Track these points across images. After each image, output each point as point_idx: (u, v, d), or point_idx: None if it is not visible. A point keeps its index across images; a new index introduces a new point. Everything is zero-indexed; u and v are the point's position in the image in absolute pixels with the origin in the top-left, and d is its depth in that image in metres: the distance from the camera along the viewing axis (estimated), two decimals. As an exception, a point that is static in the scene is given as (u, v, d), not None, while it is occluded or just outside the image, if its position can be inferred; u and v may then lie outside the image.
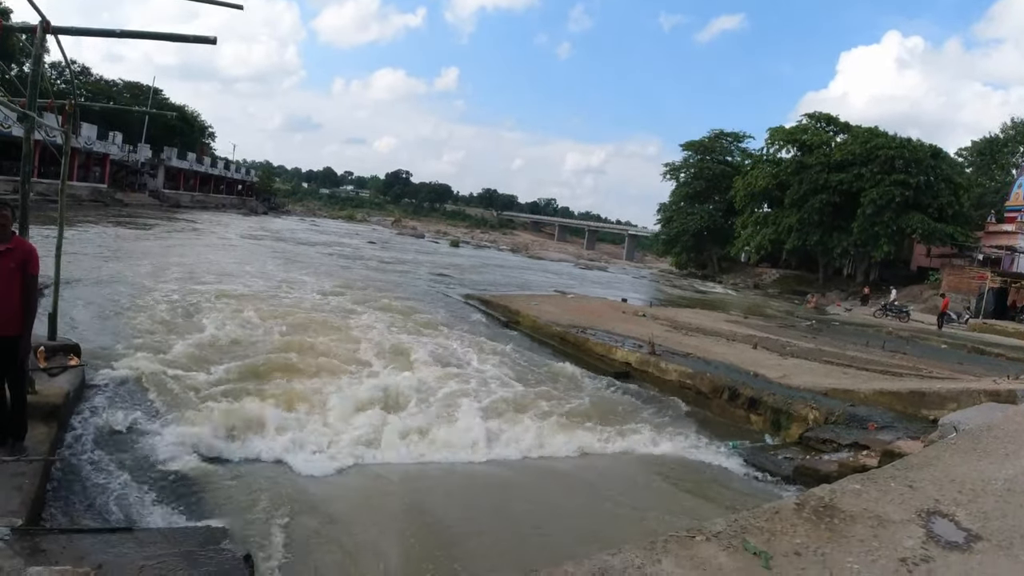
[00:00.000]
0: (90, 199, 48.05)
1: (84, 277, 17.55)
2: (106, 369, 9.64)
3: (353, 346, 13.32)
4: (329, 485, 7.41)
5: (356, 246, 45.81)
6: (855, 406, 10.70)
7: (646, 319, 20.92)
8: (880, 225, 45.03)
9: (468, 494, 7.77)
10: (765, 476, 8.63)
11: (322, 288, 20.80)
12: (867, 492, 4.43)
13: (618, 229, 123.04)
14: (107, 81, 69.03)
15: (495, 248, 75.21)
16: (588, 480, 8.48)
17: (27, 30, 7.18)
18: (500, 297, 23.85)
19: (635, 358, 14.26)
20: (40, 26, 6.82)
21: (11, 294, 5.37)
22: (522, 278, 38.33)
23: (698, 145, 69.63)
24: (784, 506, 3.98)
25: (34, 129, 7.18)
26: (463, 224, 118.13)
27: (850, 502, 4.20)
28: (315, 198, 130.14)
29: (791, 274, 56.85)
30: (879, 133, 49.27)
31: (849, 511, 4.05)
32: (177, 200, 64.98)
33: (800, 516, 3.88)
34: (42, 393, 6.95)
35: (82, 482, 6.36)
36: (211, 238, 37.91)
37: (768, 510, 3.89)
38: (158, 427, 7.94)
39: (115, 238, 30.50)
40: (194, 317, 14.44)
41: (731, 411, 11.67)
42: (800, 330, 23.67)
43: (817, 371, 13.86)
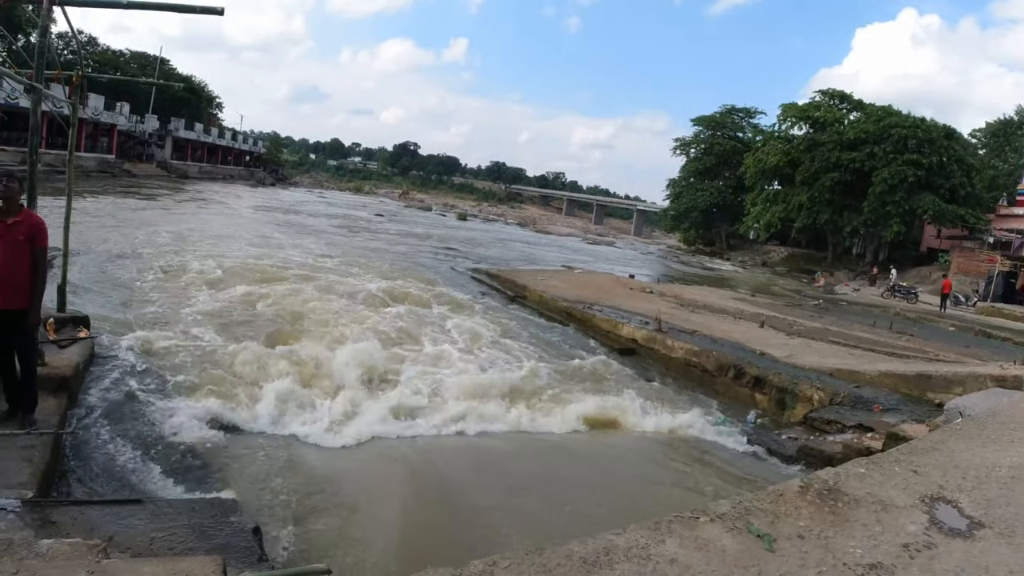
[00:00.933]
0: (97, 170, 48.00)
1: (92, 248, 17.64)
2: (116, 340, 9.69)
3: (361, 318, 13.32)
4: (339, 457, 7.52)
5: (364, 219, 45.78)
6: (860, 387, 10.71)
7: (653, 295, 20.92)
8: (891, 205, 44.60)
9: (477, 466, 7.84)
10: (769, 456, 8.66)
11: (332, 261, 20.83)
12: (871, 476, 4.45)
13: (627, 204, 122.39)
14: (114, 51, 68.56)
15: (503, 222, 75.01)
16: (593, 456, 8.58)
17: (33, 1, 7.12)
18: (507, 272, 23.87)
19: (641, 335, 14.27)
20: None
21: (20, 267, 5.37)
22: (530, 252, 38.30)
23: (709, 120, 68.94)
24: (788, 488, 4.01)
25: (41, 101, 7.14)
26: (471, 197, 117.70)
27: (854, 486, 4.23)
28: (323, 169, 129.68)
29: (800, 252, 56.56)
30: (893, 112, 48.64)
31: (853, 495, 4.07)
32: (185, 171, 64.83)
33: (804, 499, 3.90)
34: (52, 365, 6.98)
35: (92, 454, 6.41)
36: (220, 209, 37.96)
37: (772, 492, 3.92)
38: (167, 399, 7.99)
39: (123, 209, 30.48)
40: (203, 288, 14.54)
41: (736, 389, 11.69)
42: (808, 309, 23.65)
43: (823, 351, 13.87)
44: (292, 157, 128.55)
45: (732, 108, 69.25)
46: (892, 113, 48.20)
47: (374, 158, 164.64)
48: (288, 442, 7.62)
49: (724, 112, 69.06)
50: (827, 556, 3.29)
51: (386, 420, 8.57)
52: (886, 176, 44.54)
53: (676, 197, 69.35)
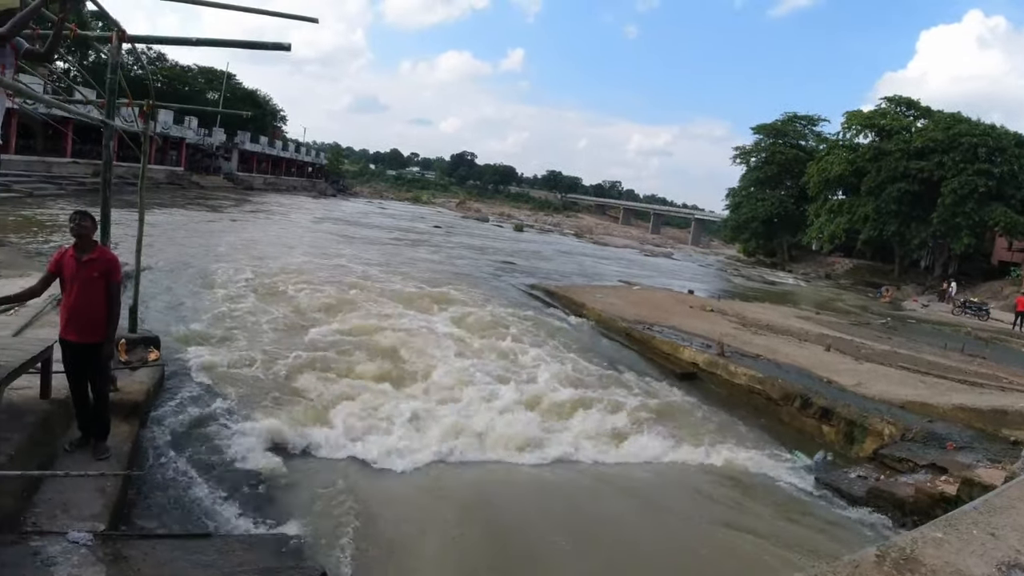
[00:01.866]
0: (167, 182, 49.78)
1: (160, 264, 17.98)
2: (184, 360, 9.95)
3: (424, 339, 13.43)
4: (403, 485, 7.62)
5: (424, 231, 46.37)
6: (933, 421, 10.41)
7: (714, 314, 20.66)
8: (961, 216, 43.15)
9: (538, 499, 7.88)
10: (837, 497, 8.47)
11: (395, 278, 21.07)
12: (949, 542, 4.35)
13: (684, 213, 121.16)
14: (182, 67, 70.86)
15: (559, 232, 75.07)
16: (654, 491, 8.48)
17: (102, 39, 7.28)
18: (565, 288, 23.83)
19: (703, 359, 14.11)
20: (116, 35, 6.91)
21: (96, 303, 5.59)
22: (586, 266, 38.19)
23: (770, 128, 67.82)
24: (865, 559, 3.95)
25: (113, 135, 7.27)
26: (527, 206, 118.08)
27: (931, 554, 4.14)
28: (382, 180, 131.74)
29: (865, 264, 55.11)
30: (961, 119, 47.10)
31: (931, 565, 3.99)
32: (250, 182, 66.75)
33: (881, 570, 3.85)
34: (123, 390, 7.22)
35: (160, 481, 6.58)
36: (284, 222, 38.93)
37: (849, 564, 3.87)
38: (233, 422, 8.16)
39: (191, 221, 31.51)
40: (269, 306, 14.79)
41: (802, 420, 11.46)
42: (875, 329, 23.01)
43: (893, 378, 13.51)
44: (352, 167, 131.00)
45: (794, 116, 68.04)
46: (961, 120, 46.70)
47: (432, 168, 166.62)
48: (350, 467, 7.74)
49: (786, 120, 67.85)
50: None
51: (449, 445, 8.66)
52: (956, 186, 43.15)
53: (736, 207, 68.38)
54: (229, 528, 5.96)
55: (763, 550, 6.82)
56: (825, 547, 6.84)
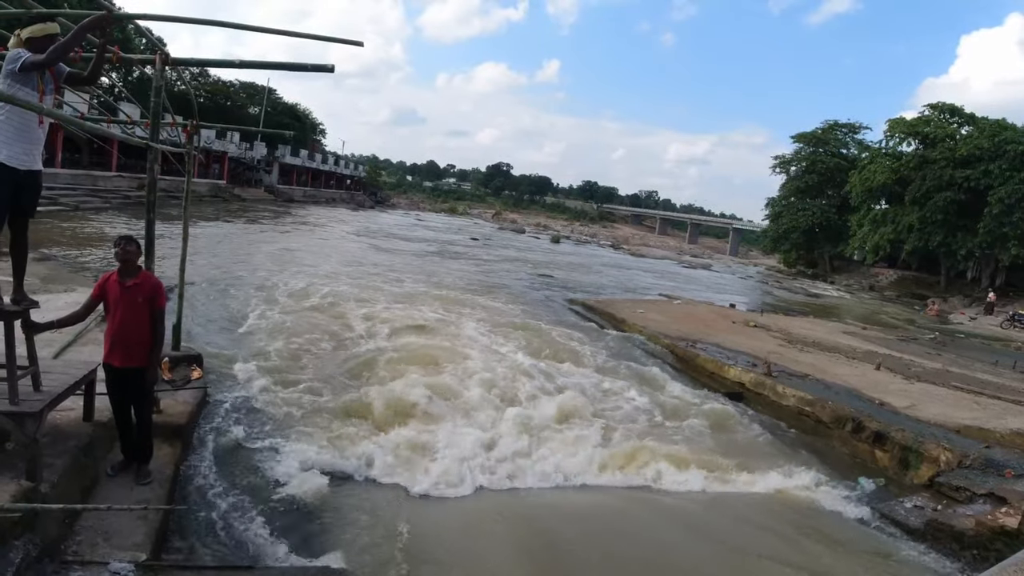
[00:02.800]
0: (210, 195, 50.99)
1: (203, 278, 18.20)
2: (227, 379, 10.02)
3: (463, 357, 13.37)
4: (454, 512, 7.56)
5: (461, 243, 46.71)
6: (990, 447, 10.15)
7: (758, 330, 20.45)
8: (1009, 226, 42.11)
9: (591, 528, 7.76)
10: (892, 528, 8.31)
11: (435, 292, 21.17)
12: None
13: (722, 223, 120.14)
14: (224, 82, 72.43)
15: (596, 243, 75.01)
16: (703, 521, 8.32)
17: (146, 62, 7.31)
18: (604, 302, 23.78)
19: (749, 378, 13.94)
20: (159, 58, 6.98)
21: (140, 328, 5.63)
22: (625, 278, 38.07)
23: (810, 137, 67.01)
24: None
25: (158, 159, 7.39)
26: (563, 217, 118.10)
27: (1005, 604, 4.06)
28: (419, 191, 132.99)
29: (910, 276, 53.99)
30: (1007, 126, 46.03)
31: (1006, 618, 3.91)
32: (290, 195, 67.90)
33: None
34: (167, 412, 7.25)
35: (203, 509, 6.54)
36: (325, 234, 39.53)
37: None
38: (276, 446, 8.11)
39: (234, 234, 32.18)
40: (314, 321, 14.89)
41: (854, 444, 11.23)
42: (923, 344, 22.56)
43: (946, 399, 13.23)
44: (390, 179, 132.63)
45: (835, 123, 67.13)
46: (1007, 127, 45.67)
47: (468, 179, 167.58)
48: (394, 493, 7.66)
49: (826, 128, 66.98)
50: None
51: (501, 470, 8.64)
52: (1003, 195, 42.16)
53: (776, 217, 67.61)
54: (272, 558, 5.95)
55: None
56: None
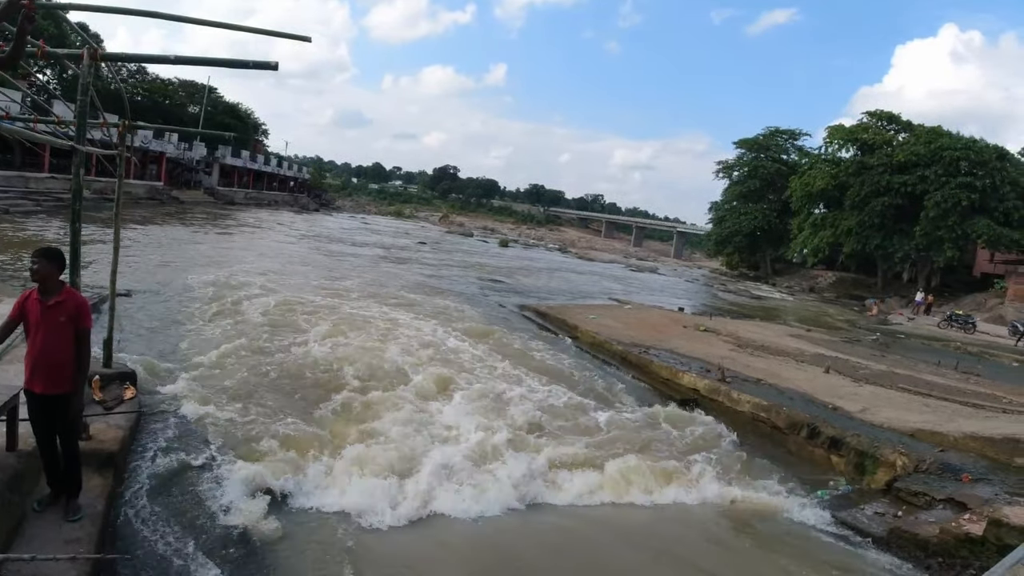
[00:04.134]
0: (147, 197, 49.25)
1: (136, 286, 17.49)
2: (163, 398, 9.48)
3: (410, 369, 12.96)
4: (403, 539, 7.16)
5: (408, 247, 46.04)
6: (945, 451, 10.23)
7: (708, 334, 20.56)
8: (944, 229, 43.59)
9: (543, 552, 7.46)
10: (855, 536, 8.22)
11: (382, 302, 20.63)
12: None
13: (666, 226, 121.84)
14: (163, 80, 70.57)
15: (544, 247, 75.02)
16: (657, 535, 8.08)
17: (72, 57, 6.63)
18: (557, 309, 23.64)
19: (704, 385, 13.88)
20: (87, 52, 6.29)
21: (61, 350, 5.10)
22: (575, 282, 38.10)
23: (752, 143, 68.31)
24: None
25: (83, 163, 6.65)
26: (510, 220, 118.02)
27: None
28: (364, 193, 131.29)
29: (848, 277, 55.44)
30: (943, 133, 47.63)
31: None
32: (232, 197, 66.20)
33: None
34: (97, 439, 6.72)
35: (140, 546, 6.06)
36: (267, 239, 38.50)
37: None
38: (218, 471, 7.65)
39: (169, 239, 31.07)
40: (256, 332, 14.34)
41: (809, 450, 11.22)
42: (867, 346, 23.00)
43: (897, 402, 13.39)
44: (335, 181, 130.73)
45: (776, 130, 68.58)
46: (942, 134, 47.24)
47: (414, 181, 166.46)
48: (342, 521, 7.23)
49: (768, 134, 68.38)
50: None
51: (450, 492, 8.19)
52: (939, 200, 43.59)
53: (719, 221, 68.73)
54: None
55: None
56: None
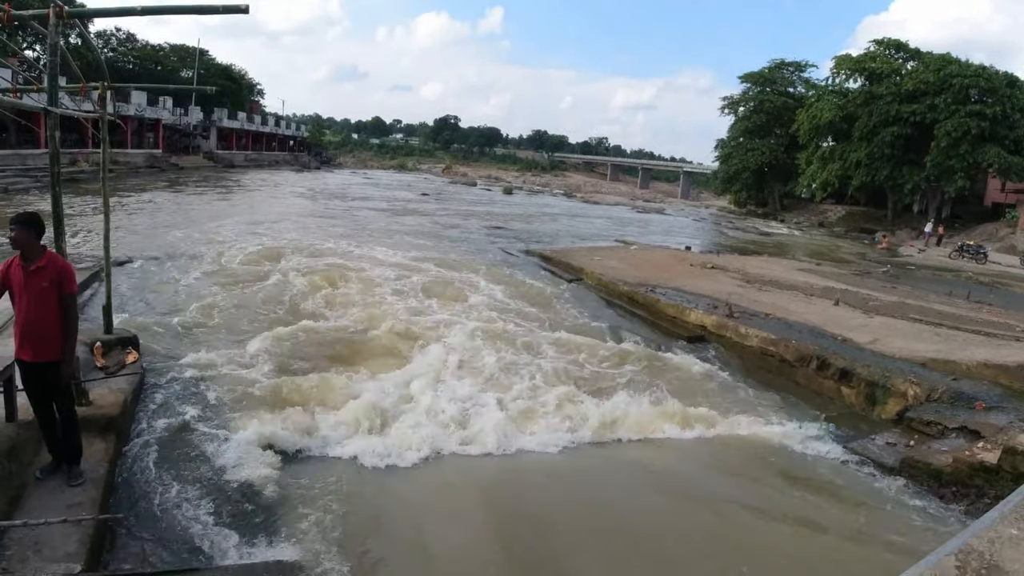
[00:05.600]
0: (146, 165, 48.74)
1: (136, 253, 17.30)
2: (166, 360, 9.41)
3: (422, 320, 12.96)
4: (409, 483, 7.14)
5: (411, 200, 45.51)
6: (958, 380, 10.02)
7: (716, 272, 20.27)
8: (955, 159, 42.57)
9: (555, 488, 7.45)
10: (867, 467, 8.07)
11: (388, 253, 20.46)
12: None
13: (672, 166, 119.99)
14: (153, 46, 69.38)
15: (548, 193, 74.16)
16: (668, 471, 8.08)
17: (37, 17, 6.33)
18: (561, 252, 23.35)
19: (711, 321, 13.68)
20: (52, 11, 5.99)
21: (47, 316, 5.02)
22: (580, 227, 37.57)
23: (757, 76, 66.58)
24: (945, 573, 3.52)
25: (58, 126, 6.45)
26: (513, 168, 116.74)
27: (1011, 556, 3.70)
28: (365, 149, 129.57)
29: (858, 211, 54.60)
30: (952, 60, 46.20)
31: (1013, 572, 3.55)
32: (231, 160, 65.53)
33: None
34: (97, 404, 6.66)
35: (144, 504, 6.04)
36: (267, 200, 38.05)
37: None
38: (222, 428, 7.60)
39: (171, 205, 30.73)
40: (259, 293, 14.22)
41: (819, 382, 11.07)
42: (877, 278, 22.62)
43: (907, 333, 13.13)
44: (335, 138, 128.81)
45: (781, 62, 66.72)
46: (951, 61, 45.83)
47: (415, 134, 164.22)
48: (350, 468, 7.23)
49: (773, 67, 66.54)
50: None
51: (457, 435, 8.19)
52: (949, 129, 42.49)
53: (726, 158, 67.45)
54: (223, 553, 5.47)
55: (800, 537, 6.43)
56: (868, 530, 6.47)
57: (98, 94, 8.56)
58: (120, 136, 45.02)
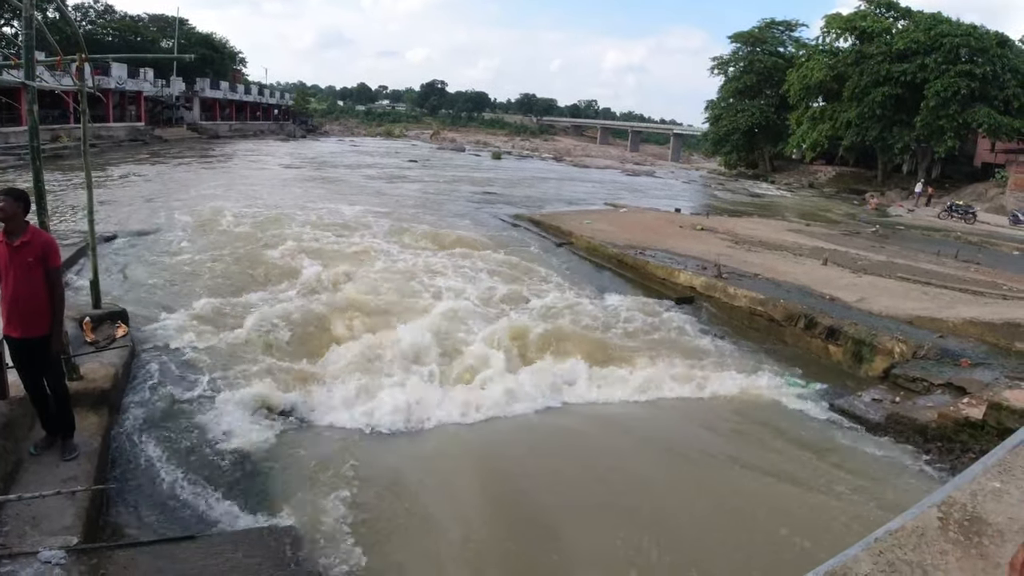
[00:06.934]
0: (129, 139, 47.93)
1: (121, 227, 17.08)
2: (156, 332, 9.36)
3: (409, 285, 12.88)
4: (404, 449, 7.16)
5: (399, 167, 45.09)
6: (944, 337, 10.06)
7: (705, 233, 20.27)
8: (945, 119, 42.37)
9: (548, 450, 7.52)
10: (852, 423, 8.11)
11: (377, 224, 20.13)
12: (1008, 492, 3.93)
13: (662, 129, 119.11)
14: (132, 17, 68.04)
15: (538, 157, 73.55)
16: (665, 432, 8.15)
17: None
18: (551, 216, 23.25)
19: (700, 282, 13.69)
20: None
21: (33, 291, 5.05)
22: (570, 191, 37.31)
23: (747, 36, 65.90)
24: (928, 524, 3.53)
25: (36, 100, 6.38)
26: (502, 132, 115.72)
27: (993, 509, 3.73)
28: (351, 115, 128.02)
29: (848, 172, 54.48)
30: (943, 19, 45.78)
31: (995, 524, 3.58)
32: (215, 131, 64.62)
33: (947, 537, 3.43)
34: (88, 378, 6.69)
35: (139, 476, 6.08)
36: (253, 169, 37.65)
37: (913, 533, 3.44)
38: (215, 398, 7.59)
39: (155, 178, 30.32)
40: (247, 261, 14.15)
41: (807, 341, 11.11)
42: (866, 238, 22.67)
43: (895, 291, 13.17)
44: (320, 106, 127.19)
45: (772, 21, 66.07)
46: (942, 21, 45.44)
47: (402, 100, 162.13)
48: (344, 436, 7.24)
49: (763, 26, 65.90)
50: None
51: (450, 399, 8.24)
52: (939, 88, 42.21)
53: (716, 119, 67.01)
54: (218, 521, 5.50)
55: (786, 491, 6.47)
56: (853, 485, 6.51)
57: (76, 67, 8.40)
58: (101, 110, 44.30)
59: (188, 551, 4.49)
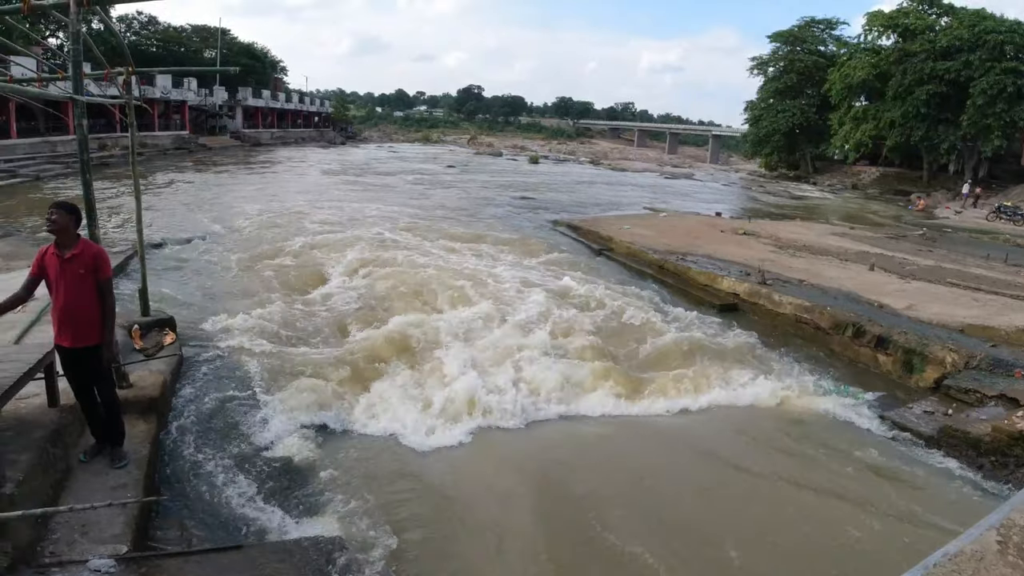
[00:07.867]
0: (174, 147, 49.07)
1: (168, 235, 17.43)
2: (203, 340, 9.49)
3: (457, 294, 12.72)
4: (447, 461, 7.18)
5: (438, 173, 45.35)
6: (996, 346, 9.87)
7: (747, 238, 20.10)
8: (992, 117, 41.28)
9: (597, 460, 7.50)
10: (904, 436, 8.02)
11: (414, 223, 20.42)
12: (1072, 511, 3.90)
13: (700, 130, 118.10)
14: (175, 28, 69.67)
15: (575, 161, 73.49)
16: (704, 438, 8.13)
17: (58, 6, 6.31)
18: (589, 221, 23.27)
19: (743, 289, 13.58)
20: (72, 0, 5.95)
21: (86, 302, 5.11)
22: (608, 195, 37.18)
23: (787, 35, 65.03)
24: (987, 548, 3.47)
25: (85, 114, 6.50)
26: (539, 136, 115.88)
27: (1057, 528, 3.70)
28: (390, 122, 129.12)
29: (892, 172, 53.38)
30: (986, 16, 44.70)
31: (1059, 543, 3.55)
32: (257, 138, 65.87)
33: (1006, 561, 3.41)
34: (138, 386, 6.77)
35: (186, 484, 6.17)
36: (296, 176, 38.27)
37: (972, 557, 3.38)
38: (262, 407, 7.67)
39: (202, 185, 30.97)
40: (294, 270, 14.31)
41: (855, 350, 10.95)
42: (913, 241, 22.25)
43: (945, 298, 12.94)
44: (359, 112, 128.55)
45: (811, 20, 65.11)
46: (986, 17, 44.38)
47: (439, 105, 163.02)
48: (390, 445, 7.31)
49: (803, 25, 64.98)
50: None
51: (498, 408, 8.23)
52: (984, 86, 41.19)
53: (755, 120, 66.15)
54: (265, 531, 5.61)
55: (835, 508, 6.42)
56: (904, 502, 6.45)
57: (123, 79, 8.65)
58: (147, 119, 45.35)
59: (235, 561, 4.53)
